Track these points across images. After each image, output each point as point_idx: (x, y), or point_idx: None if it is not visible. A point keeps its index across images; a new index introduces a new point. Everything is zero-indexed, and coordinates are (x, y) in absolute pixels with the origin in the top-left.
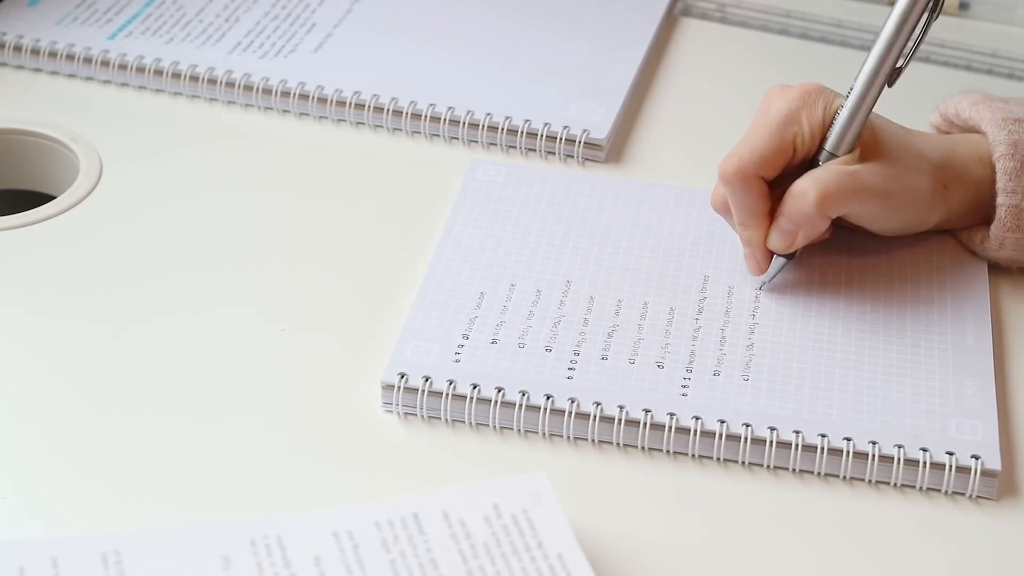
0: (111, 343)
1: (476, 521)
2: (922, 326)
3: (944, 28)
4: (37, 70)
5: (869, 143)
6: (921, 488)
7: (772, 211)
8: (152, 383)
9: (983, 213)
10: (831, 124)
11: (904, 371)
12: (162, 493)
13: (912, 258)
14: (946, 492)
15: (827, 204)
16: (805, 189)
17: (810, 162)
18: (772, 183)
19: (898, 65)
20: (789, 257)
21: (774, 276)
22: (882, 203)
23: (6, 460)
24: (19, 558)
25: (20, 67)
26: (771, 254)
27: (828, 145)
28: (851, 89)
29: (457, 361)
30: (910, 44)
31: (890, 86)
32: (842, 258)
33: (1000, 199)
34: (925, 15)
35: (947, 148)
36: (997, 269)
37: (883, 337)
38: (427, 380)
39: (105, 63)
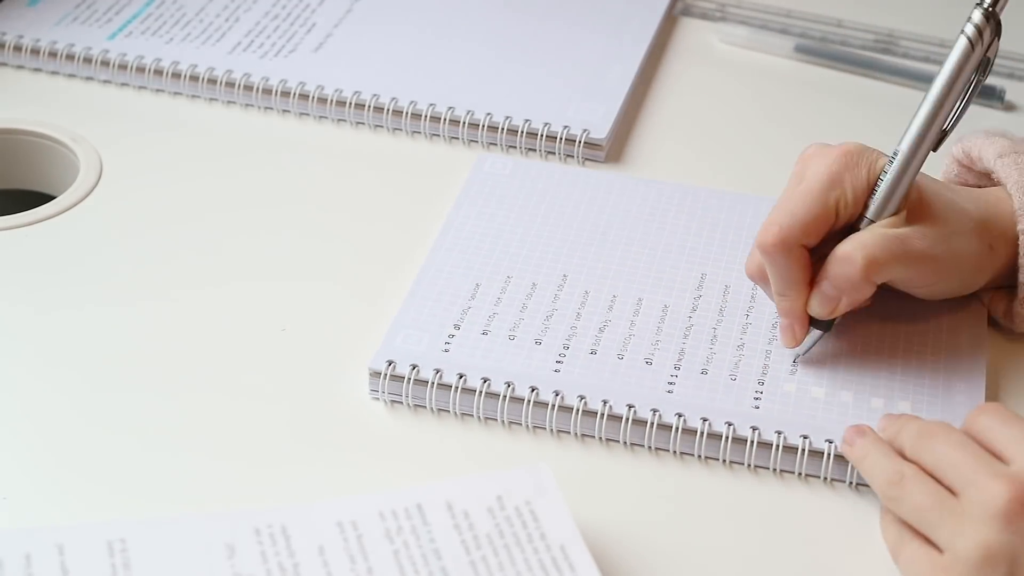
0: (111, 341)
1: (479, 512)
2: (916, 330)
3: (945, 28)
4: (37, 70)
5: (915, 205)
6: None
7: (812, 279)
8: (152, 379)
9: None
10: (875, 187)
11: (894, 376)
12: (163, 488)
13: None
14: None
15: (874, 269)
16: (851, 253)
17: (851, 226)
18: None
19: (945, 128)
20: (826, 328)
21: (809, 348)
22: (930, 267)
23: (7, 458)
24: (25, 545)
25: (20, 67)
26: (808, 324)
27: (871, 211)
28: (895, 152)
29: (446, 351)
30: (957, 106)
31: (935, 150)
32: None
33: (1022, 276)
34: (975, 77)
35: (989, 204)
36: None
37: (875, 341)
38: (414, 368)
39: (105, 63)
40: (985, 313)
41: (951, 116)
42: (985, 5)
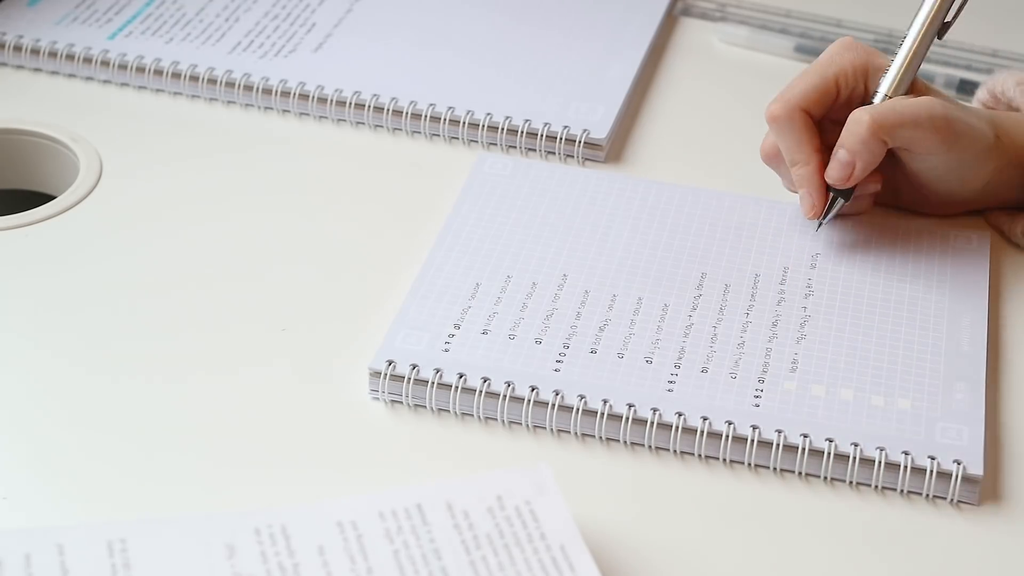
0: (110, 341)
1: (479, 512)
2: (916, 329)
3: None
4: (37, 70)
5: (922, 88)
6: (902, 491)
7: (822, 150)
8: (152, 379)
9: None
10: (881, 75)
11: (894, 374)
12: (163, 487)
13: (912, 260)
14: (927, 496)
15: (881, 126)
16: (860, 115)
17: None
18: (823, 131)
19: (947, 20)
20: (845, 197)
21: (831, 216)
22: (937, 133)
23: (7, 458)
24: (25, 545)
25: (20, 67)
26: (826, 194)
27: (881, 88)
28: (903, 38)
29: (446, 350)
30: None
31: (939, 38)
32: (841, 259)
33: None
34: None
35: (1000, 116)
36: (997, 271)
37: (876, 339)
38: (414, 368)
39: (105, 63)
40: (984, 314)
41: (954, 7)
42: None
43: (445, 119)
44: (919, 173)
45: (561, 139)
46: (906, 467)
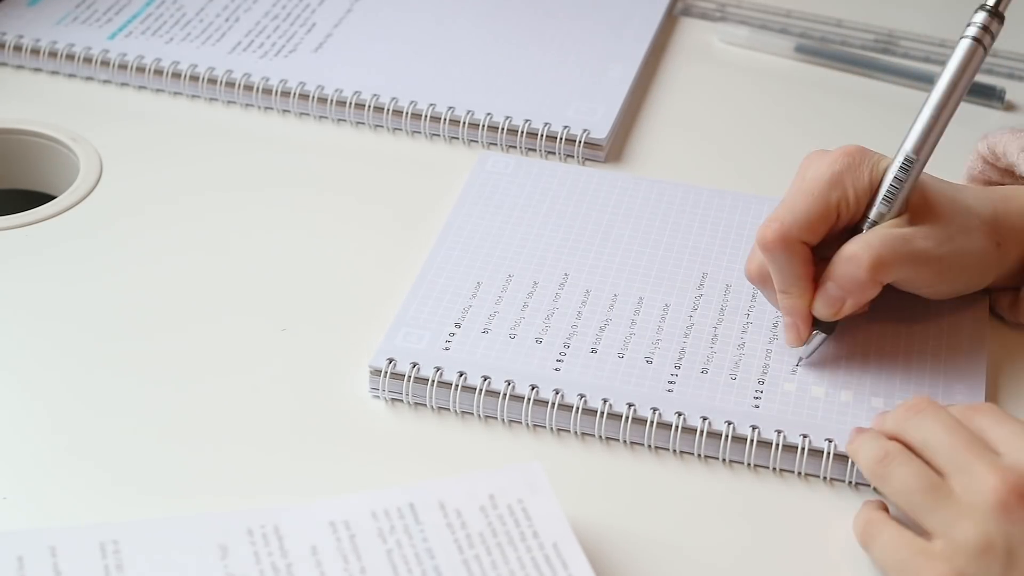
0: (110, 341)
1: (472, 511)
2: (916, 330)
3: (945, 28)
4: (37, 70)
5: (918, 205)
6: None
7: (814, 278)
8: (152, 379)
9: None
10: (878, 187)
11: (894, 377)
12: (163, 487)
13: None
14: None
15: (880, 270)
16: (857, 253)
17: (854, 228)
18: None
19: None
20: (829, 331)
21: (813, 351)
22: (935, 267)
23: (6, 458)
24: (18, 548)
25: (20, 67)
26: (813, 322)
27: (874, 212)
28: (898, 151)
29: (447, 349)
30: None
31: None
32: None
33: None
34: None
35: (998, 201)
36: None
37: (875, 340)
38: (415, 366)
39: (105, 63)
40: (986, 312)
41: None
42: (989, 5)
43: (445, 119)
44: (917, 291)
45: (561, 139)
46: None
